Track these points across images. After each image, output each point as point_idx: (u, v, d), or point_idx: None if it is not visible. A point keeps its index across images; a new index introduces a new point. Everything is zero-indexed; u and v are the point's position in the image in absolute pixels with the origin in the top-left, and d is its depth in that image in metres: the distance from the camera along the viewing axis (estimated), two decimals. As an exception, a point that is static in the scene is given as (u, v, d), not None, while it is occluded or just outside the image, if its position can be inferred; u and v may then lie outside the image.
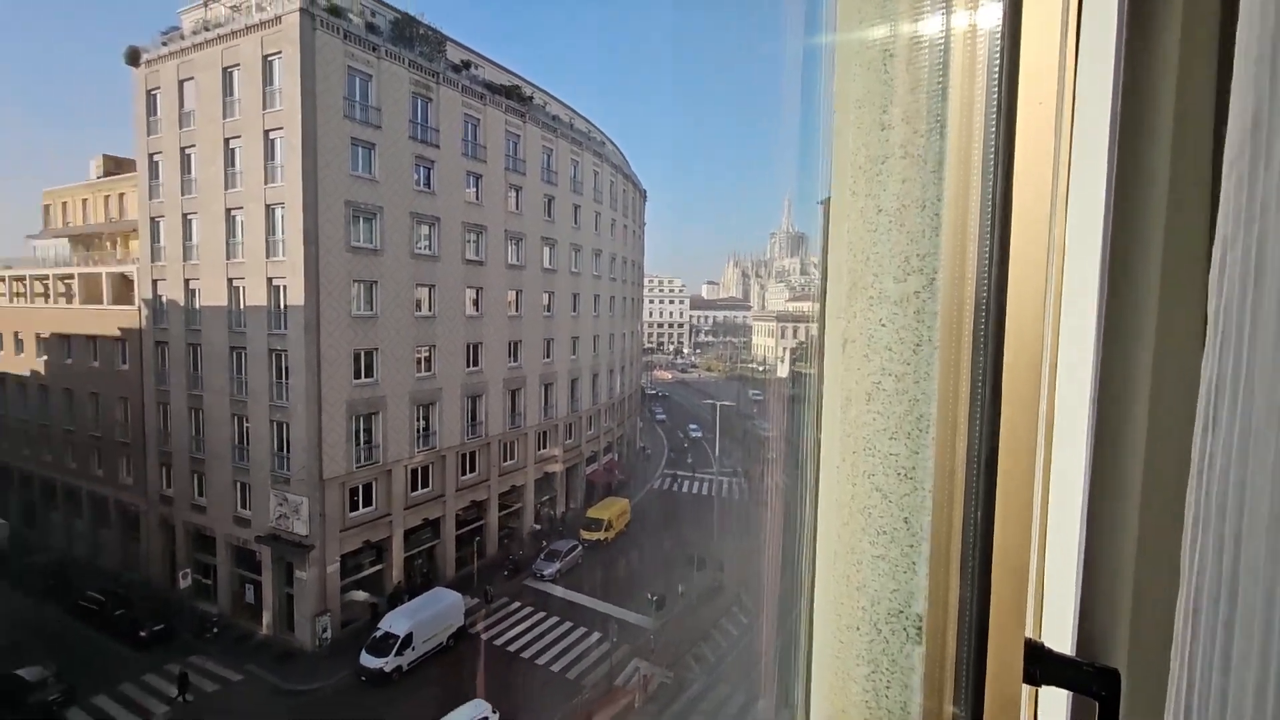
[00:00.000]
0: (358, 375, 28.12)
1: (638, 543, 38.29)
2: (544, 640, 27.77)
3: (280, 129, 26.66)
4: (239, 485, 28.60)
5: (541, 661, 26.25)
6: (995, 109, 0.98)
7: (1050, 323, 1.03)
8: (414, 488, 31.00)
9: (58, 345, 34.76)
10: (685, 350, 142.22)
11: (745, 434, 58.95)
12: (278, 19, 26.15)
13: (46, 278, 38.06)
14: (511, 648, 27.19)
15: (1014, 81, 0.98)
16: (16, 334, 36.83)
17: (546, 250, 40.44)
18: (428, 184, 31.54)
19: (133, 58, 30.93)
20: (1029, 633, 1.02)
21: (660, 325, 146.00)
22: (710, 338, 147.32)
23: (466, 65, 34.20)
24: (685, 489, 49.32)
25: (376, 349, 28.77)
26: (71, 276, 36.62)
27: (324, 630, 26.52)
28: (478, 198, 34.65)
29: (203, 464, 29.69)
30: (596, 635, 27.99)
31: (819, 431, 1.23)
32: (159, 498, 31.29)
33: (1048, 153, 0.98)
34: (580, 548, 35.78)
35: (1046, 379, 1.03)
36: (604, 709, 22.02)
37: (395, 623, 25.36)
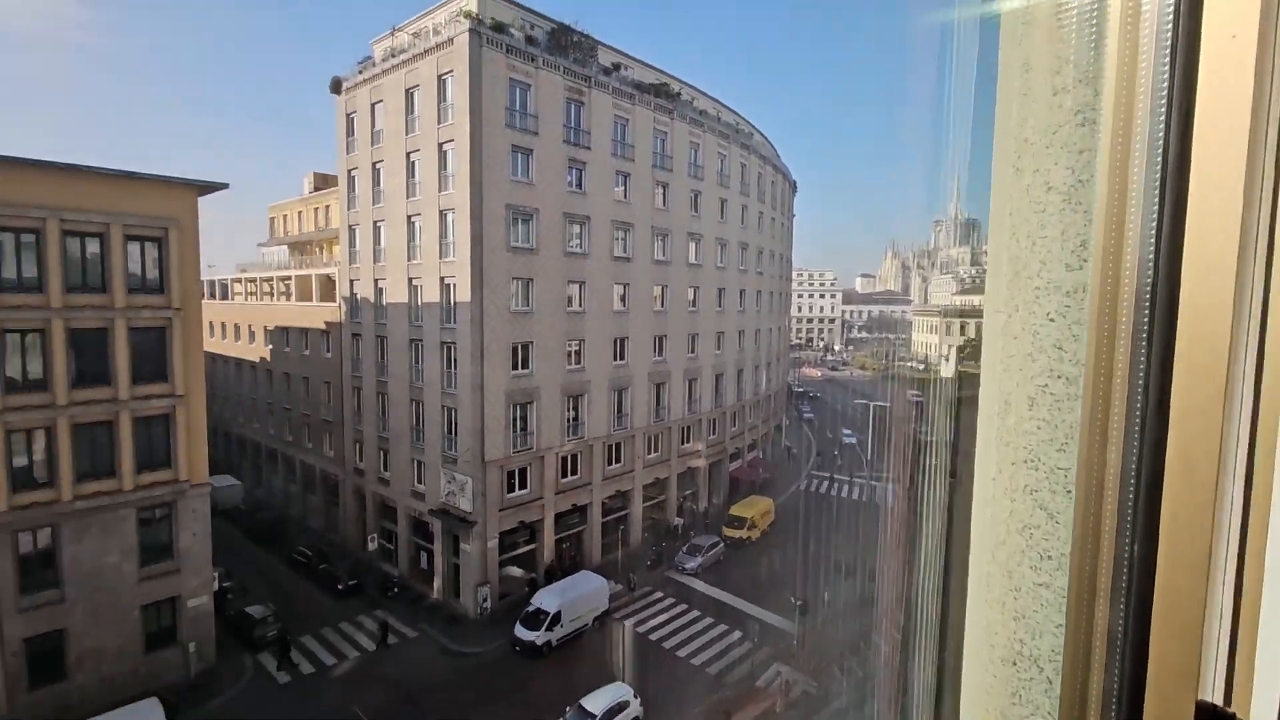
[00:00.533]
0: (515, 366, 30.21)
1: (781, 544, 37.40)
2: (684, 632, 28.07)
3: (451, 141, 29.26)
4: (415, 463, 31.97)
5: (682, 653, 26.57)
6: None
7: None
8: (564, 474, 32.74)
9: (279, 336, 41.03)
10: (836, 347, 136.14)
11: (900, 436, 55.20)
12: (450, 40, 28.68)
13: (271, 279, 45.07)
14: (653, 636, 27.80)
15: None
16: (250, 326, 43.98)
17: (692, 245, 40.65)
18: (579, 185, 33.01)
19: (335, 86, 35.54)
20: (1211, 695, 0.81)
21: (809, 320, 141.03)
22: (864, 334, 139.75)
23: (617, 67, 35.26)
24: (834, 492, 47.33)
25: (531, 342, 30.71)
26: (289, 278, 43.02)
27: (484, 600, 28.90)
28: (625, 196, 35.64)
29: (387, 442, 33.55)
30: (737, 634, 27.79)
31: (973, 439, 1.09)
32: (353, 470, 35.88)
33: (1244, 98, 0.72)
34: (722, 544, 35.68)
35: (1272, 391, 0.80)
36: (745, 708, 21.79)
37: (546, 600, 26.99)
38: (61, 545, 21.86)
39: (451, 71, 28.92)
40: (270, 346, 41.86)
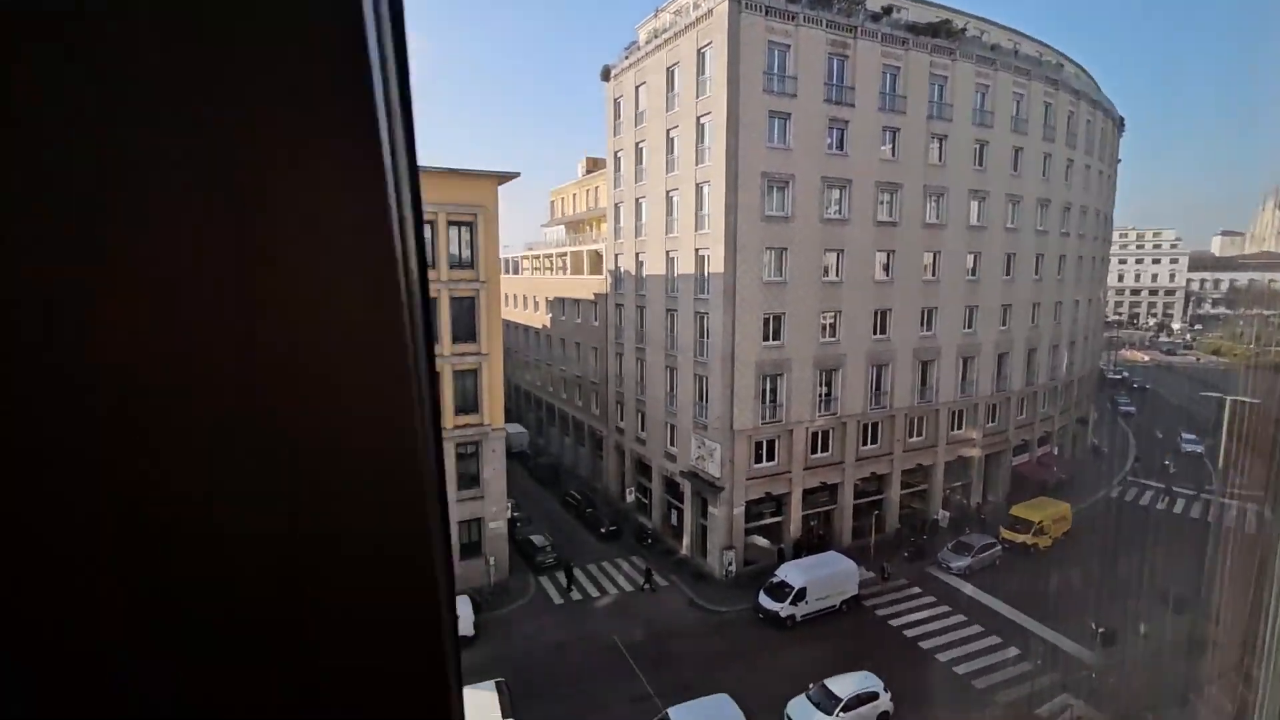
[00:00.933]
0: (767, 338, 29.79)
1: (1078, 557, 31.35)
2: (945, 635, 25.30)
3: (709, 114, 29.53)
4: (669, 426, 33.74)
5: (941, 657, 24.01)
6: None
7: None
8: (813, 450, 31.58)
9: (557, 305, 46.50)
10: (1175, 325, 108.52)
11: (1268, 443, 41.83)
12: (709, 12, 28.76)
13: (551, 255, 51.08)
14: (908, 632, 25.60)
15: None
16: (534, 297, 50.63)
17: (974, 204, 35.48)
18: (840, 146, 30.87)
19: (604, 74, 38.34)
20: None
21: (1135, 292, 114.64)
22: (1220, 309, 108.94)
23: (888, 11, 31.90)
24: (1159, 504, 38.15)
25: (784, 313, 29.93)
26: (565, 254, 48.27)
27: (729, 564, 29.52)
28: (894, 154, 32.39)
29: (644, 405, 35.96)
30: (1013, 650, 24.17)
31: None
32: (615, 428, 39.30)
33: None
34: (999, 547, 31.22)
35: None
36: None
37: (791, 574, 26.53)
38: (404, 468, 27.83)
39: (710, 43, 29.05)
40: (550, 315, 47.68)
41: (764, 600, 26.35)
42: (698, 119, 30.35)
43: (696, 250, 30.84)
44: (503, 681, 19.66)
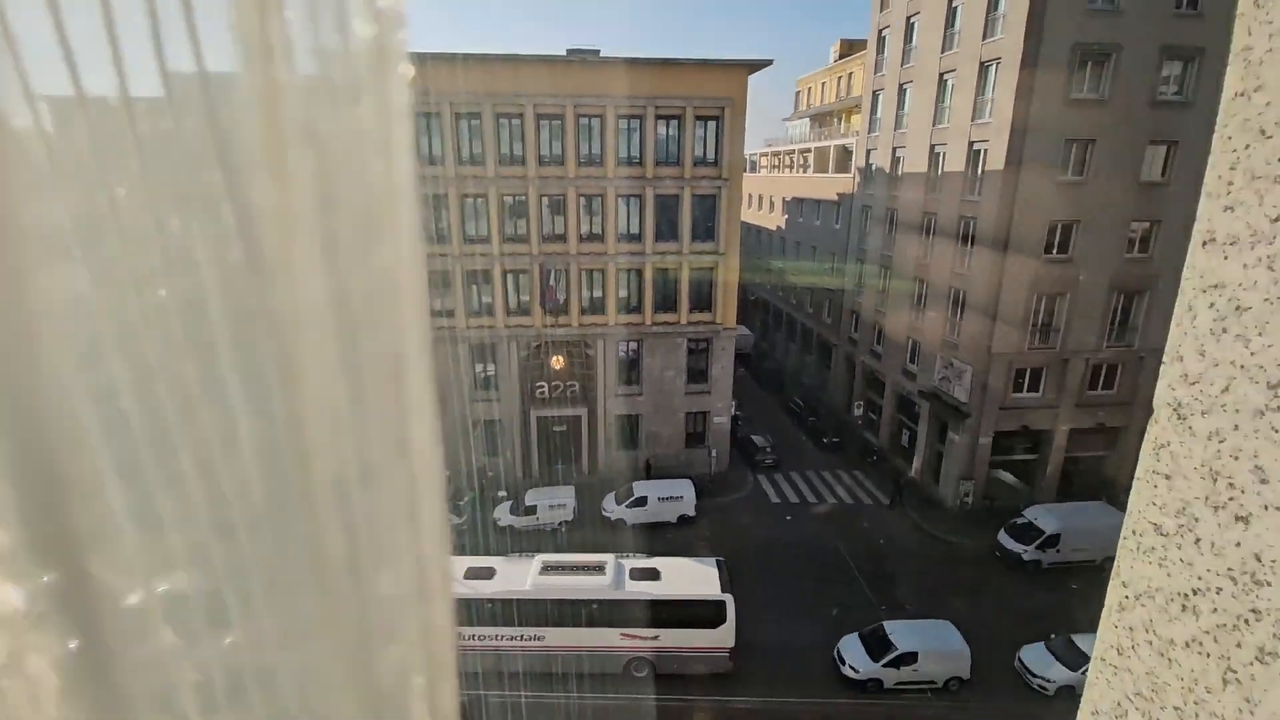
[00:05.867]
0: (1050, 250, 25.45)
1: None
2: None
3: (1012, -30, 24.35)
4: (910, 341, 31.26)
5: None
6: None
7: None
8: (1093, 386, 27.17)
9: (794, 206, 44.30)
10: None
11: None
12: None
13: (794, 152, 48.17)
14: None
15: None
16: (770, 198, 48.68)
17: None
18: (1191, 4, 23.74)
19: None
20: None
21: None
22: None
23: None
24: None
25: (1078, 221, 25.13)
26: (809, 150, 45.15)
27: (965, 494, 27.50)
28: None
29: (883, 316, 33.58)
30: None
31: None
32: (847, 339, 37.53)
33: None
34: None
35: None
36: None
37: (1043, 518, 24.00)
38: (642, 356, 29.69)
39: (1028, -125, 23.40)
40: (785, 216, 45.71)
41: (1004, 539, 24.32)
42: (994, -20, 25.26)
43: (971, 143, 26.74)
44: (722, 560, 20.95)
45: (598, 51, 28.20)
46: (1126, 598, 0.99)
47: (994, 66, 25.47)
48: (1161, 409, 0.91)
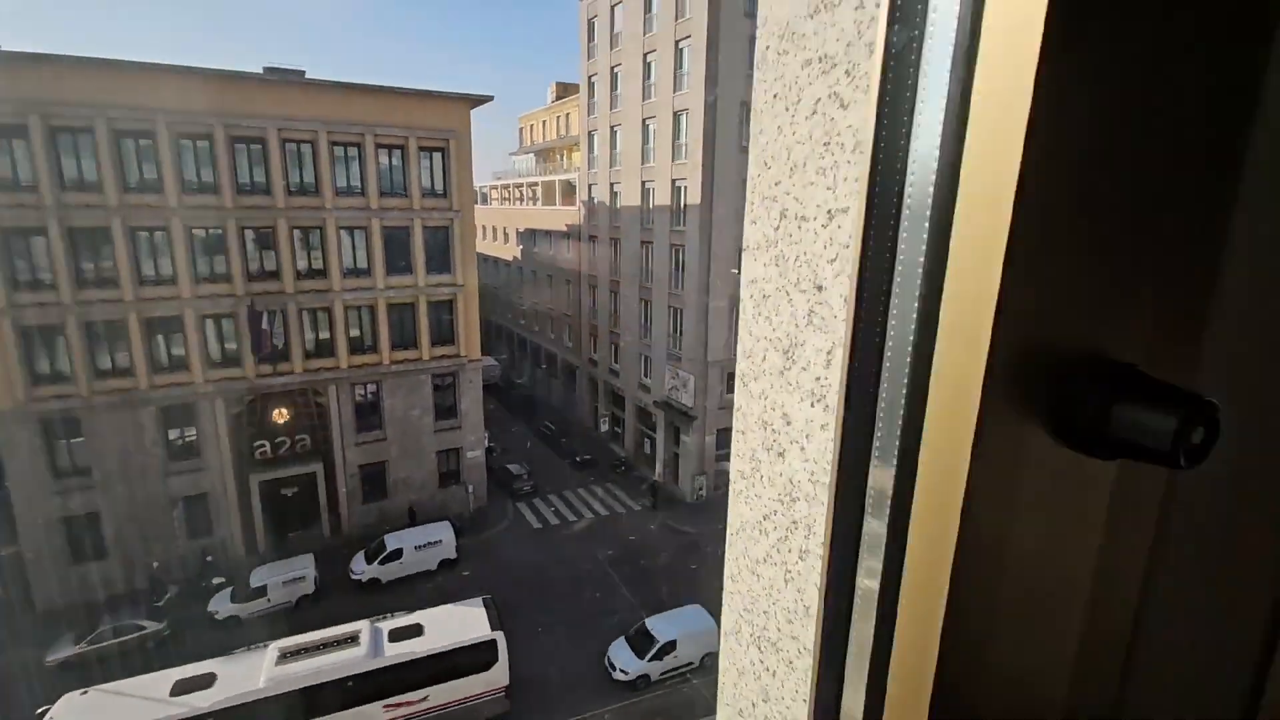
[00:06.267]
0: (737, 269, 30.27)
1: None
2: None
3: (688, 37, 28.75)
4: (643, 358, 34.42)
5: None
6: None
7: None
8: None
9: (528, 237, 45.72)
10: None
11: None
12: (693, -75, 27.52)
13: (522, 185, 49.74)
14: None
15: None
16: (503, 229, 49.56)
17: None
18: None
19: (581, -10, 36.50)
20: None
21: None
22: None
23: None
24: None
25: (759, 246, 30.36)
26: (536, 184, 47.09)
27: (700, 489, 31.07)
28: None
29: (618, 337, 36.44)
30: None
31: None
32: (588, 360, 39.79)
33: None
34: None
35: None
36: None
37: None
38: (383, 398, 27.88)
39: (692, -40, 27.96)
40: (520, 246, 46.91)
41: (735, 520, 28.06)
42: (676, 43, 29.55)
43: (673, 181, 30.69)
44: (489, 598, 20.70)
45: (302, 72, 26.10)
46: (733, 534, 1.20)
47: (685, 116, 29.66)
48: (738, 380, 1.16)
